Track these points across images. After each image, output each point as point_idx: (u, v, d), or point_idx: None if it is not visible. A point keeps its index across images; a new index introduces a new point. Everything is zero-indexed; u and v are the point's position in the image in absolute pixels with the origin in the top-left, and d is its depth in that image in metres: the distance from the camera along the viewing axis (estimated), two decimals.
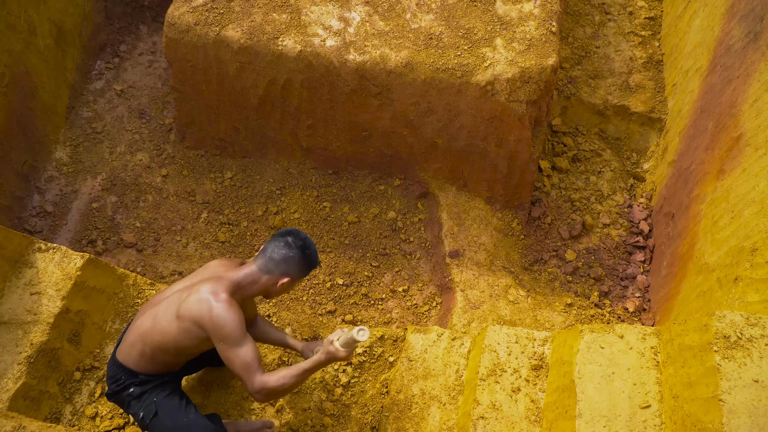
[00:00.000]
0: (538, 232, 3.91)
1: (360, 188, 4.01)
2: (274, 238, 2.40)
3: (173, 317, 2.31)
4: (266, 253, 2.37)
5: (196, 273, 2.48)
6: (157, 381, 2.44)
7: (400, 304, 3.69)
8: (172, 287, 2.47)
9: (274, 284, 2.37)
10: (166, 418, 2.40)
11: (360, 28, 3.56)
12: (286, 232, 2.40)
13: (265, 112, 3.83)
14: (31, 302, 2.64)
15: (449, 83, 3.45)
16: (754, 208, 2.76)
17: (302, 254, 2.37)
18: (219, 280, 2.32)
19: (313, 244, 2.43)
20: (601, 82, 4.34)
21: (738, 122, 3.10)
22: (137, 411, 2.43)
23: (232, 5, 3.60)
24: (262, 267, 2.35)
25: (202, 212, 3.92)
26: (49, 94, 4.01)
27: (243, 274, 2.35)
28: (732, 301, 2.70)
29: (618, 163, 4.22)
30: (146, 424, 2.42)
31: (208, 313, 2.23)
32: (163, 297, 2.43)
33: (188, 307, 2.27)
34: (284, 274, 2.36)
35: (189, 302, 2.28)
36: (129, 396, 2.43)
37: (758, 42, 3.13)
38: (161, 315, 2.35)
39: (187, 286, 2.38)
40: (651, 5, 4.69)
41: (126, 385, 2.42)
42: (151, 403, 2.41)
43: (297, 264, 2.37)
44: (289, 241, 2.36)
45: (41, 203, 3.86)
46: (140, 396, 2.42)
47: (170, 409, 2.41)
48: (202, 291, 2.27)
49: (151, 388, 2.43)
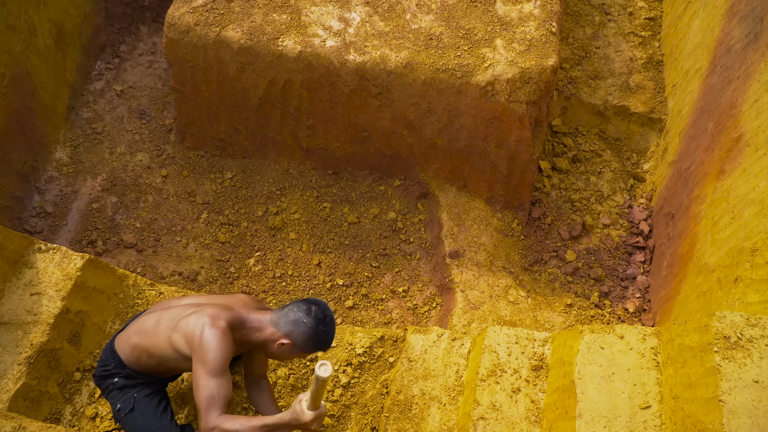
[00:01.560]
0: (538, 232, 3.91)
1: (360, 189, 4.01)
2: (300, 300, 2.34)
3: (172, 327, 2.31)
4: (284, 309, 2.33)
5: (218, 296, 2.50)
6: (141, 379, 2.45)
7: (400, 304, 3.69)
8: (188, 297, 2.49)
9: (274, 341, 2.30)
10: (139, 417, 2.40)
11: (360, 29, 3.56)
12: (314, 301, 2.32)
13: (265, 112, 3.83)
14: (31, 303, 2.64)
15: (449, 84, 3.45)
16: (755, 209, 2.76)
17: (315, 327, 2.27)
18: (227, 309, 2.30)
19: (332, 326, 2.31)
20: (601, 82, 4.34)
21: (738, 123, 3.10)
22: (115, 402, 2.44)
23: (232, 6, 3.60)
24: (273, 319, 2.31)
25: (202, 213, 3.92)
26: (49, 95, 4.01)
27: (253, 317, 2.33)
28: (732, 301, 2.70)
29: (618, 163, 4.22)
30: (120, 417, 2.42)
31: (199, 332, 2.21)
32: (177, 303, 2.44)
33: (186, 322, 2.27)
34: (287, 336, 2.28)
35: (189, 318, 2.28)
36: (112, 385, 2.45)
37: (758, 42, 3.13)
38: (164, 321, 2.36)
39: (202, 303, 2.39)
40: (651, 6, 4.69)
41: (112, 374, 2.44)
42: (130, 397, 2.42)
43: (305, 333, 2.27)
44: (312, 309, 2.29)
45: (41, 204, 3.86)
46: (122, 388, 2.43)
47: (147, 409, 2.41)
48: (206, 313, 2.26)
49: (134, 384, 2.44)
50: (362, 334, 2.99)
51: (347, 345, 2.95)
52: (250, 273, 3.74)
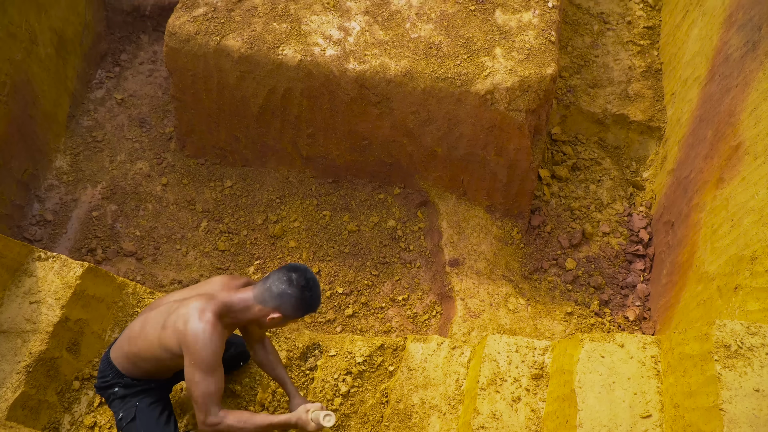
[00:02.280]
0: (537, 240, 3.91)
1: (360, 197, 4.01)
2: (279, 270, 2.30)
3: (160, 327, 2.29)
4: (266, 283, 2.28)
5: (198, 285, 2.45)
6: (141, 386, 2.44)
7: (400, 312, 3.68)
8: (171, 295, 2.46)
9: (264, 316, 2.28)
10: (141, 426, 2.39)
11: (360, 38, 3.58)
12: (293, 267, 2.29)
13: (265, 121, 3.84)
14: (31, 311, 2.64)
15: (449, 92, 3.47)
16: (754, 217, 2.76)
17: (300, 295, 2.25)
18: (211, 299, 2.26)
19: (316, 288, 2.30)
20: (600, 91, 4.35)
21: (737, 131, 3.10)
22: (117, 411, 2.43)
23: (233, 15, 3.62)
24: (258, 296, 2.27)
25: (201, 221, 3.92)
26: (49, 103, 4.02)
27: (237, 299, 2.29)
28: (732, 309, 2.70)
29: (617, 171, 4.23)
30: (122, 427, 2.42)
31: (187, 329, 2.19)
32: (160, 303, 2.42)
33: (174, 319, 2.25)
34: (276, 309, 2.26)
35: (176, 315, 2.25)
36: (113, 395, 2.44)
37: (756, 51, 3.14)
38: (150, 322, 2.34)
39: (184, 298, 2.36)
40: (649, 15, 4.71)
41: (111, 384, 2.44)
42: (132, 406, 2.41)
43: (293, 303, 2.25)
44: (293, 277, 2.25)
45: (41, 212, 3.86)
46: (123, 397, 2.43)
47: (149, 419, 2.40)
48: (191, 307, 2.23)
49: (135, 392, 2.43)
50: (362, 343, 2.99)
51: (347, 354, 2.94)
52: None
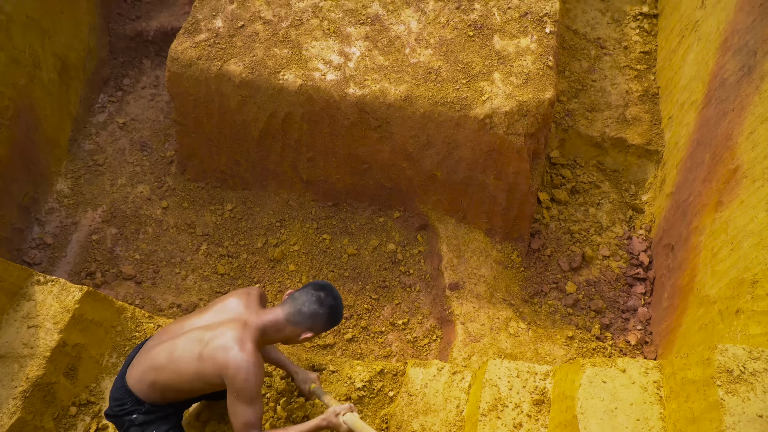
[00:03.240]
0: (537, 264, 3.90)
1: (360, 220, 4.02)
2: (307, 290, 2.41)
3: (194, 358, 2.28)
4: (296, 304, 2.38)
5: (216, 308, 2.45)
6: (161, 412, 2.42)
7: (399, 337, 3.66)
8: (190, 320, 2.44)
9: (297, 336, 2.39)
10: None
11: (360, 63, 3.62)
12: (320, 286, 2.42)
13: (266, 144, 3.86)
14: (28, 335, 2.62)
15: (448, 116, 3.49)
16: (753, 240, 2.76)
17: (330, 313, 2.40)
18: (245, 326, 2.31)
19: (341, 302, 2.46)
20: (598, 114, 4.38)
21: (734, 155, 3.12)
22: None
23: (235, 40, 3.66)
24: (290, 317, 2.36)
25: (201, 244, 3.92)
26: (52, 127, 4.05)
27: (268, 321, 2.36)
28: (734, 333, 2.68)
29: (616, 194, 4.24)
30: None
31: (232, 362, 2.23)
32: (182, 331, 2.40)
33: (212, 352, 2.26)
34: (309, 329, 2.38)
35: (214, 346, 2.26)
36: (130, 422, 2.41)
37: (752, 76, 3.17)
38: (179, 352, 2.32)
39: (209, 324, 2.36)
40: (645, 40, 4.77)
41: (130, 411, 2.41)
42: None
43: (324, 321, 2.40)
44: (322, 297, 2.38)
45: (41, 235, 3.87)
46: (142, 424, 2.40)
47: None
48: (229, 337, 2.26)
49: (154, 419, 2.41)
50: (362, 368, 2.96)
51: (346, 379, 2.92)
52: None
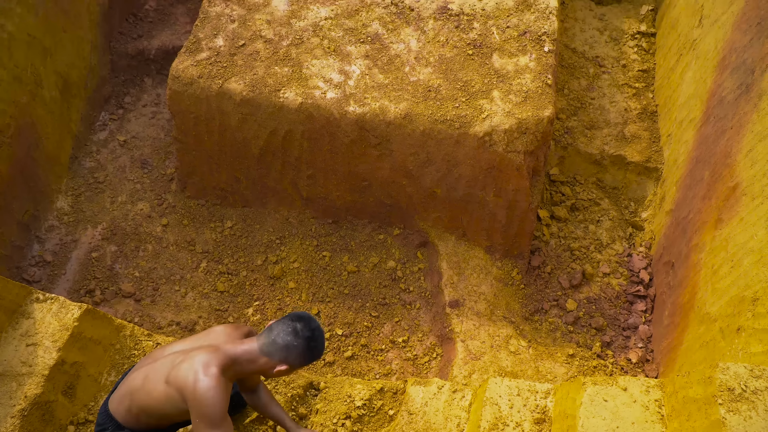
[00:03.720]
0: (538, 281, 3.90)
1: (360, 237, 4.02)
2: (283, 320, 2.30)
3: (162, 381, 2.25)
4: (271, 334, 2.27)
5: (199, 336, 2.42)
6: None
7: (400, 355, 3.64)
8: (172, 346, 2.42)
9: (271, 368, 2.28)
10: None
11: (360, 81, 3.64)
12: (297, 317, 2.30)
13: (266, 162, 3.87)
14: (27, 354, 2.61)
15: (448, 134, 3.51)
16: (754, 258, 2.76)
17: (306, 346, 2.26)
18: (215, 351, 2.24)
19: (321, 336, 2.32)
20: (597, 132, 4.40)
21: (733, 172, 3.13)
22: None
23: (235, 59, 3.69)
24: (263, 348, 2.26)
25: (201, 262, 3.91)
26: (53, 145, 4.06)
27: (241, 351, 2.27)
28: (735, 351, 2.67)
29: (616, 212, 4.24)
30: None
31: (192, 385, 2.16)
32: (161, 355, 2.38)
33: (176, 374, 2.21)
34: (283, 361, 2.27)
35: (179, 369, 2.22)
36: None
37: (750, 94, 3.20)
38: (152, 375, 2.30)
39: (185, 350, 2.33)
40: (643, 58, 4.81)
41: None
42: None
43: (299, 355, 2.27)
44: (298, 328, 2.26)
45: (41, 252, 3.86)
46: None
47: None
48: (195, 360, 2.20)
49: None
50: (361, 386, 2.94)
51: (346, 397, 2.90)
52: (249, 323, 3.70)
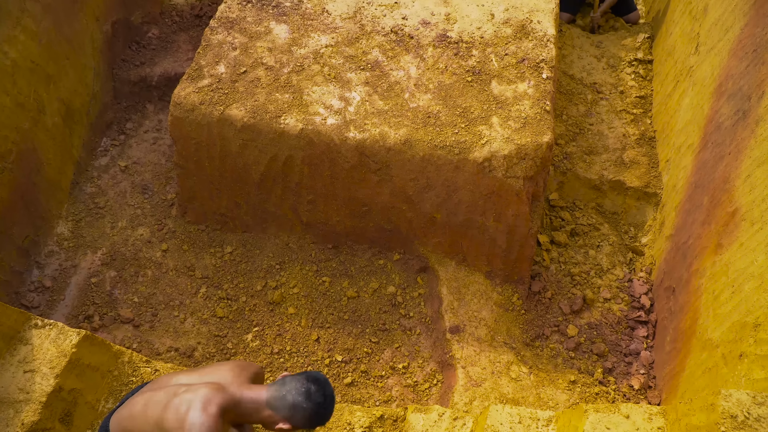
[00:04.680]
0: (538, 306, 3.88)
1: (359, 263, 4.01)
2: (299, 378, 2.24)
3: (161, 407, 2.20)
4: (282, 389, 2.22)
5: (207, 370, 2.38)
6: None
7: (400, 381, 3.61)
8: (179, 376, 2.38)
9: (273, 423, 2.22)
10: None
11: (360, 107, 3.67)
12: (314, 378, 2.24)
13: (267, 187, 3.89)
14: (24, 380, 2.59)
15: (447, 160, 3.53)
16: (754, 283, 2.76)
17: (315, 411, 2.21)
18: (221, 390, 2.19)
19: (332, 404, 2.25)
20: (596, 157, 4.43)
21: (732, 197, 3.14)
22: None
23: (237, 86, 3.73)
24: (271, 401, 2.21)
25: (201, 287, 3.90)
26: (54, 170, 4.08)
27: (248, 398, 2.22)
28: (738, 378, 2.65)
29: (616, 237, 4.25)
30: None
31: (187, 416, 2.10)
32: (166, 383, 2.35)
33: (177, 403, 2.16)
34: (286, 420, 2.21)
35: (180, 398, 2.17)
36: None
37: (747, 120, 3.22)
38: (153, 402, 2.26)
39: (191, 383, 2.29)
40: (641, 85, 4.86)
41: None
42: None
43: (304, 418, 2.21)
44: (311, 390, 2.20)
45: (40, 278, 3.86)
46: None
47: None
48: (198, 393, 2.16)
49: None
50: (361, 413, 2.92)
51: (346, 425, 2.87)
52: (248, 349, 3.68)
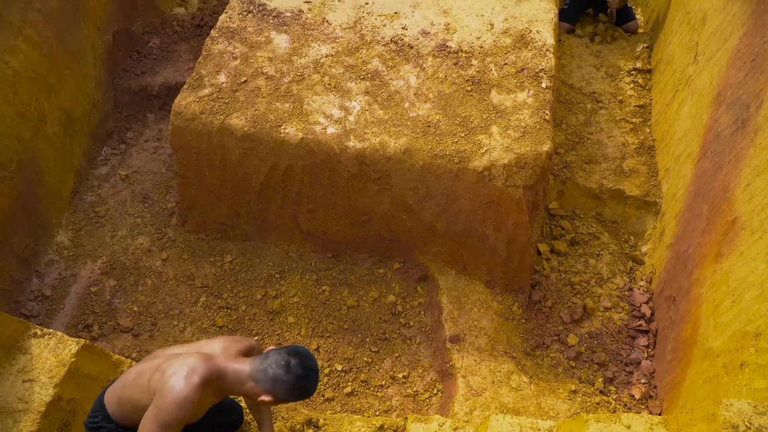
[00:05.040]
0: (539, 315, 3.87)
1: (359, 272, 4.01)
2: (280, 351, 2.23)
3: (152, 370, 2.23)
4: (264, 362, 2.21)
5: (199, 343, 2.38)
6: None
7: (400, 391, 3.60)
8: (172, 348, 2.40)
9: (256, 395, 2.22)
10: None
11: (360, 117, 3.68)
12: (294, 351, 2.22)
13: (267, 196, 3.89)
14: (23, 390, 2.58)
15: (447, 169, 3.53)
16: (755, 292, 2.75)
17: (295, 383, 2.19)
18: (208, 360, 2.20)
19: (314, 376, 2.23)
20: (596, 166, 4.43)
21: (732, 206, 3.14)
22: None
23: (237, 95, 3.74)
24: (253, 373, 2.21)
25: (200, 296, 3.90)
26: (54, 179, 4.09)
27: (232, 369, 2.22)
28: (739, 387, 2.64)
29: (616, 246, 4.24)
30: None
31: (169, 380, 2.12)
32: (159, 355, 2.37)
33: (164, 368, 2.19)
34: (268, 393, 2.20)
35: (168, 365, 2.19)
36: None
37: (746, 129, 3.23)
38: (144, 370, 2.28)
39: (183, 353, 2.30)
40: (640, 94, 4.87)
41: (99, 426, 2.38)
42: None
43: (285, 390, 2.19)
44: (291, 363, 2.18)
45: (39, 287, 3.85)
46: None
47: None
48: (185, 362, 2.17)
49: None
50: (361, 423, 2.90)
51: None
52: None
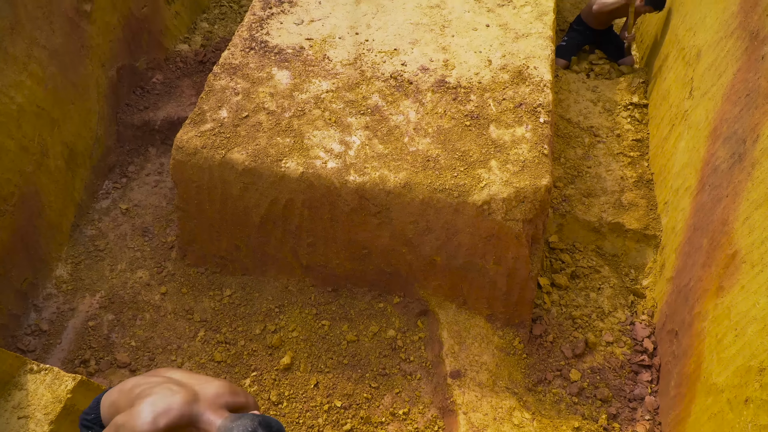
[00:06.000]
0: (540, 350, 3.84)
1: (359, 306, 3.98)
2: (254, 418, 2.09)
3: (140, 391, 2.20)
4: (235, 422, 2.09)
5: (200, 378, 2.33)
6: None
7: (400, 428, 3.54)
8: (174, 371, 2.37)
9: None
10: None
11: (360, 151, 3.71)
12: (266, 424, 2.09)
13: (267, 230, 3.89)
14: (18, 426, 2.54)
15: (447, 203, 3.54)
16: (757, 326, 2.74)
17: None
18: (189, 404, 2.14)
19: None
20: (595, 200, 4.45)
21: (732, 240, 3.15)
22: None
23: (239, 130, 3.77)
24: (221, 430, 2.10)
25: (199, 331, 3.87)
26: (55, 213, 4.10)
27: (207, 419, 2.14)
28: (744, 424, 2.60)
29: (617, 279, 4.23)
30: None
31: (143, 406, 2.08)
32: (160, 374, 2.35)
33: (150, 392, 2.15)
34: None
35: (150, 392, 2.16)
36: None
37: (743, 163, 3.26)
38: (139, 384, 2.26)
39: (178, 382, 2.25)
40: (637, 128, 4.92)
41: (90, 426, 2.36)
42: None
43: None
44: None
45: (37, 321, 3.82)
46: None
47: None
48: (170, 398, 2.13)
49: None
50: None
51: None
52: None
